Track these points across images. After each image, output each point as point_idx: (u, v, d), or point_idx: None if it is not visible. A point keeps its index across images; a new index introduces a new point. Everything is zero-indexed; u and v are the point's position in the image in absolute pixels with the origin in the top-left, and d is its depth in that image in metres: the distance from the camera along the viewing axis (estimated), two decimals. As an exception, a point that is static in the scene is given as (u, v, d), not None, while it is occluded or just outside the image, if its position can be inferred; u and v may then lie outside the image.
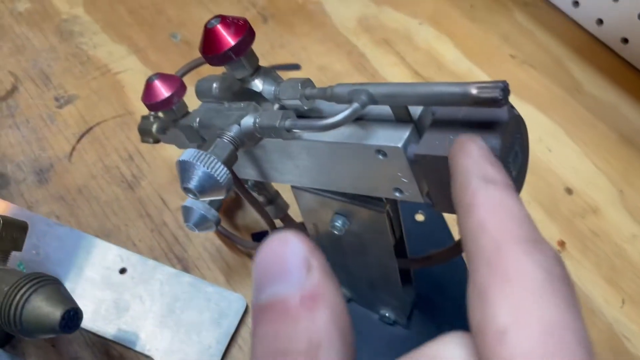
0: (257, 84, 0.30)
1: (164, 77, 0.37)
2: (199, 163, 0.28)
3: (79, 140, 0.52)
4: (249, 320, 0.43)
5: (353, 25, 0.61)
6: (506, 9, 0.62)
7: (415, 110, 0.27)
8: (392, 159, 0.27)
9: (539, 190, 0.50)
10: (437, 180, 0.27)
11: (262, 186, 0.40)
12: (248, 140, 0.30)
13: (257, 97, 0.31)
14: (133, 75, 0.56)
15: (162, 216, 0.48)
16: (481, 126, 0.25)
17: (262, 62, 0.31)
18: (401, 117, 0.27)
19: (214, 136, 0.31)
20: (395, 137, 0.27)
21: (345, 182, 0.31)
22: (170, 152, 0.51)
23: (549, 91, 0.56)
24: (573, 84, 0.57)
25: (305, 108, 0.29)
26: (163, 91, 0.37)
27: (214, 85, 0.33)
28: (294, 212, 0.40)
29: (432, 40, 0.60)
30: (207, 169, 0.27)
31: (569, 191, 0.50)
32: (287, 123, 0.28)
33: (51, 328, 0.28)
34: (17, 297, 0.29)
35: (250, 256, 0.46)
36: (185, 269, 0.45)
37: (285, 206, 0.43)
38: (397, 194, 0.29)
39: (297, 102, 0.29)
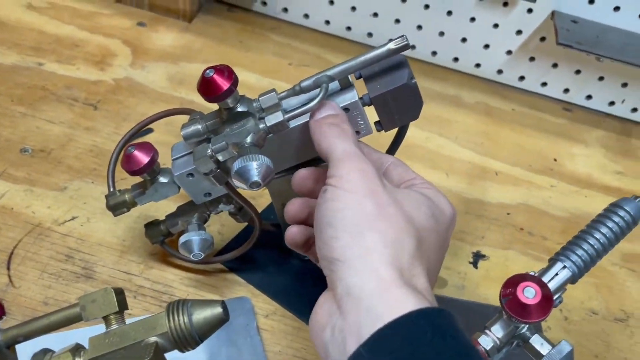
0: (243, 107, 0.42)
1: (140, 145, 0.45)
2: (251, 162, 0.38)
3: (8, 268, 0.52)
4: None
5: (167, 84, 0.72)
6: (264, 36, 0.81)
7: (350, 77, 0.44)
8: (353, 111, 0.43)
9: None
10: (386, 109, 0.43)
11: (231, 199, 0.50)
12: (262, 141, 0.41)
13: (245, 115, 0.42)
14: (14, 195, 0.57)
15: (133, 282, 0.53)
16: (394, 68, 0.43)
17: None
18: (344, 84, 0.43)
19: (231, 153, 0.41)
20: (349, 97, 0.43)
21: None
22: (101, 234, 0.55)
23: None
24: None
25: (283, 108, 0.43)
26: (144, 157, 0.45)
27: (199, 127, 0.43)
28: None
29: (231, 73, 0.75)
30: (259, 160, 0.38)
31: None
32: (287, 116, 0.41)
33: (220, 320, 0.35)
34: (181, 319, 0.35)
35: (223, 270, 0.55)
36: (182, 308, 0.52)
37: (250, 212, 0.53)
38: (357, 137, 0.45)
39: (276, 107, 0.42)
